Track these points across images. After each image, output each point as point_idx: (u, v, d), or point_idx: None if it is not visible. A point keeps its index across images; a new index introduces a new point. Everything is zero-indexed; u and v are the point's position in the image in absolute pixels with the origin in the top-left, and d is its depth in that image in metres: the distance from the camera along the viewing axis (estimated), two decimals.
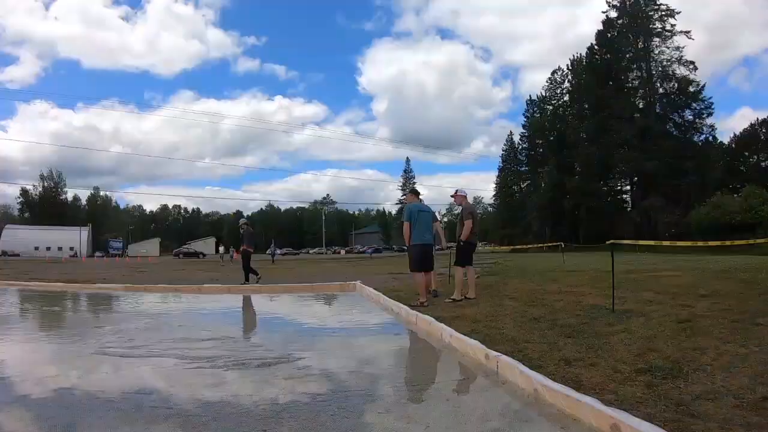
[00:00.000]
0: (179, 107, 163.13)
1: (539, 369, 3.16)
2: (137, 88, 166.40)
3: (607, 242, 6.18)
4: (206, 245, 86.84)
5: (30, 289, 12.33)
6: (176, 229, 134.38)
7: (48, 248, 73.29)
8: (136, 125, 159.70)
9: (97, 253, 74.68)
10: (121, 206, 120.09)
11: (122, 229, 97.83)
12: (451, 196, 8.78)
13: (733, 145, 60.03)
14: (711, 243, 6.63)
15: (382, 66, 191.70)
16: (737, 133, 62.60)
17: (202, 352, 4.46)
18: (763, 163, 58.15)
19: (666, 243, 8.93)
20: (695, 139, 45.13)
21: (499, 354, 3.25)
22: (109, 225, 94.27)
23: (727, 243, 6.35)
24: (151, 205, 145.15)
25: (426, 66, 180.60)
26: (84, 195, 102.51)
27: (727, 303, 5.39)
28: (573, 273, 12.13)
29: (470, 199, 8.68)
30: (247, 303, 9.42)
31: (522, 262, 21.07)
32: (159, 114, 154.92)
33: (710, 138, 46.61)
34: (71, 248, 73.28)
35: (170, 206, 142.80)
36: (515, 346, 3.92)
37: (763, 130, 60.00)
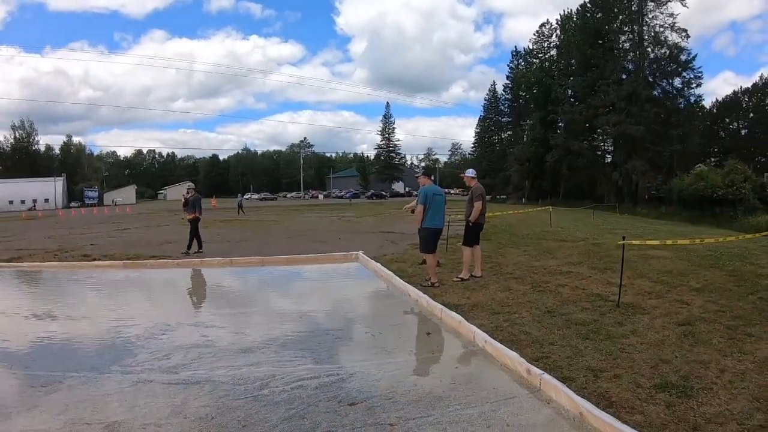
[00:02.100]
0: (151, 48, 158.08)
1: (570, 382, 3.67)
2: (107, 30, 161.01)
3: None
4: (184, 190, 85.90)
5: (23, 271, 10.71)
6: (151, 174, 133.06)
7: (22, 201, 70.91)
8: (107, 68, 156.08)
9: (73, 203, 73.34)
10: (94, 153, 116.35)
11: (96, 177, 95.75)
12: (460, 176, 9.11)
13: (714, 110, 60.84)
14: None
15: (360, 6, 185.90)
16: (719, 99, 63.61)
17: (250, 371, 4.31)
18: (743, 131, 59.41)
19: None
20: (682, 107, 45.57)
21: (543, 372, 3.70)
22: (83, 173, 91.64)
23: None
24: (124, 151, 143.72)
25: (406, 7, 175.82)
26: (56, 143, 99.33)
27: (719, 303, 5.99)
28: (565, 244, 12.77)
29: (448, 146, 9.04)
30: (255, 284, 9.37)
31: (507, 219, 21.61)
32: (130, 55, 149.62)
33: (695, 107, 47.10)
34: (46, 200, 71.71)
35: (144, 151, 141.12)
36: (541, 350, 4.44)
37: (746, 99, 60.83)
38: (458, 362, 4.57)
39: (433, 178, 8.39)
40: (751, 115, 63.03)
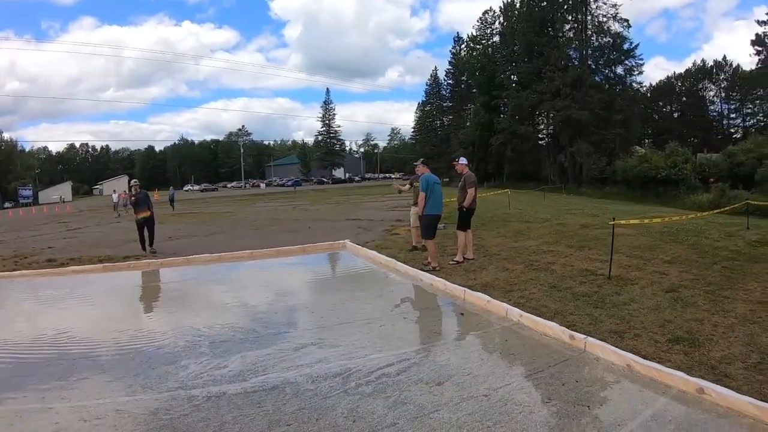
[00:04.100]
0: (80, 36, 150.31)
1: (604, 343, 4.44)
2: (33, 17, 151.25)
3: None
4: (119, 184, 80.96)
5: None
6: (86, 169, 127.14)
7: None
8: (34, 58, 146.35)
9: (7, 204, 68.52)
10: (26, 149, 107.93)
11: (30, 174, 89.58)
12: (452, 163, 9.66)
13: (649, 94, 65.34)
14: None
15: None
16: (653, 83, 68.44)
17: None
18: (675, 114, 64.40)
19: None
20: (623, 93, 48.51)
21: (586, 336, 4.43)
22: (16, 171, 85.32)
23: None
24: (56, 146, 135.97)
25: None
26: None
27: (692, 272, 7.02)
28: (532, 225, 13.72)
29: (387, 131, 9.63)
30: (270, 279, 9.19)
31: None
32: (58, 43, 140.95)
33: (634, 92, 50.41)
34: None
35: (77, 145, 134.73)
36: (565, 320, 5.16)
37: (679, 83, 65.94)
38: (505, 336, 5.02)
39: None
40: (684, 99, 68.58)
